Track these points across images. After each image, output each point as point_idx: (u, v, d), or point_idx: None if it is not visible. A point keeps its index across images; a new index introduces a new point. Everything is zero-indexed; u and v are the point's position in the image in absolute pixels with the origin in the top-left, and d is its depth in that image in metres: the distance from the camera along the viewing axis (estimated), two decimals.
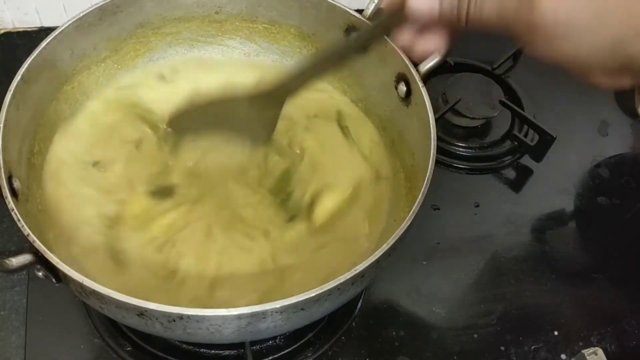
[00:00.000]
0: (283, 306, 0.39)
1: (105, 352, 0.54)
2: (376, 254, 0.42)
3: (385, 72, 0.59)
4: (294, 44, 0.67)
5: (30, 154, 0.54)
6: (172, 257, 0.52)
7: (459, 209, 0.67)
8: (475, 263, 0.63)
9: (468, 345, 0.57)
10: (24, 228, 0.42)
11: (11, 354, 0.53)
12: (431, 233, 0.64)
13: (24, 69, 0.51)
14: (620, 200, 0.69)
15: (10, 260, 0.40)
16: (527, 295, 0.61)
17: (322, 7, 0.61)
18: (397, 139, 0.60)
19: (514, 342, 0.58)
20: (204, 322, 0.40)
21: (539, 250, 0.65)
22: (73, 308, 0.56)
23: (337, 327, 0.57)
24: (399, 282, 0.60)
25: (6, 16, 0.77)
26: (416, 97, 0.55)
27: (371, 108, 0.64)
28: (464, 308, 0.60)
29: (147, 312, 0.39)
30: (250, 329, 0.41)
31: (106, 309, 0.42)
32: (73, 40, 0.57)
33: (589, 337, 0.59)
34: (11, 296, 0.56)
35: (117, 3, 0.59)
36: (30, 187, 0.52)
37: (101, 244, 0.52)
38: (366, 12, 0.58)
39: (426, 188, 0.47)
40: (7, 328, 0.55)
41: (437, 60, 0.55)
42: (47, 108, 0.57)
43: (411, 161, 0.56)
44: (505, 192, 0.69)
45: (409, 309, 0.59)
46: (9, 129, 0.48)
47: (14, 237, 0.60)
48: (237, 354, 0.55)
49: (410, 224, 0.44)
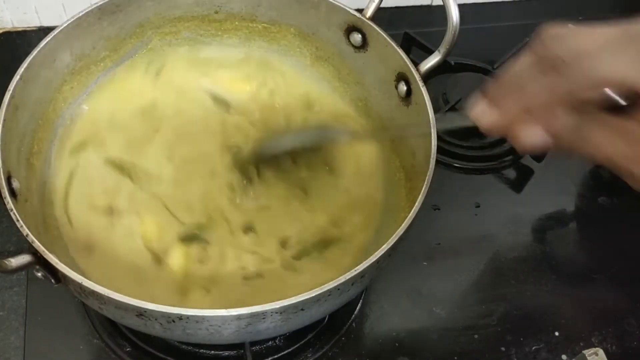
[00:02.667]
0: (283, 307, 0.39)
1: (104, 353, 0.54)
2: (376, 254, 0.42)
3: (386, 71, 0.59)
4: (294, 44, 0.66)
5: (30, 154, 0.54)
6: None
7: (459, 209, 0.67)
8: (475, 263, 0.63)
9: (468, 346, 0.57)
10: (23, 228, 0.42)
11: (10, 355, 0.53)
12: (431, 233, 0.64)
13: (23, 68, 0.51)
14: (620, 200, 0.69)
15: (9, 261, 0.40)
16: (528, 296, 0.61)
17: (322, 6, 0.61)
18: (397, 139, 0.60)
19: (514, 343, 0.58)
20: (204, 323, 0.40)
21: (539, 250, 0.65)
22: (72, 308, 0.55)
23: (337, 327, 0.57)
24: (399, 283, 0.60)
25: (5, 16, 0.77)
26: (416, 97, 0.55)
27: (371, 108, 0.64)
28: (464, 308, 0.60)
29: (146, 313, 0.39)
30: (250, 329, 0.41)
31: (105, 309, 0.42)
32: (72, 40, 0.57)
33: (589, 338, 0.59)
34: (10, 296, 0.56)
35: (117, 2, 0.59)
36: (29, 188, 0.52)
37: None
38: (366, 12, 0.58)
39: (426, 188, 0.47)
40: (6, 328, 0.55)
41: (437, 60, 0.55)
42: (47, 108, 0.57)
43: (411, 161, 0.56)
44: (506, 192, 0.69)
45: (409, 309, 0.59)
46: (8, 129, 0.48)
47: (12, 237, 0.59)
48: (236, 354, 0.54)
49: (410, 224, 0.44)
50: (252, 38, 0.67)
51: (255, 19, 0.66)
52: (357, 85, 0.65)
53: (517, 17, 0.88)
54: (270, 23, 0.66)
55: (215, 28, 0.66)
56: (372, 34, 0.59)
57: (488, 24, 0.86)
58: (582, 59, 0.30)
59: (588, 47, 0.31)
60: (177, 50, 0.66)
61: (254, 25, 0.66)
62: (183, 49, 0.66)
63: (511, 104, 0.34)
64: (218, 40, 0.67)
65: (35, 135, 0.55)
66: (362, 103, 0.65)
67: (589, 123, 0.32)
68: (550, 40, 0.32)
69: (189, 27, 0.65)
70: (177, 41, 0.66)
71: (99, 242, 0.53)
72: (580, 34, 0.31)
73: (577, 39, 0.31)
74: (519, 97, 0.34)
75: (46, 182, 0.56)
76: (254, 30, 0.67)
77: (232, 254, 0.54)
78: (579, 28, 0.32)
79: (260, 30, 0.66)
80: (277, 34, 0.66)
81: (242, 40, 0.67)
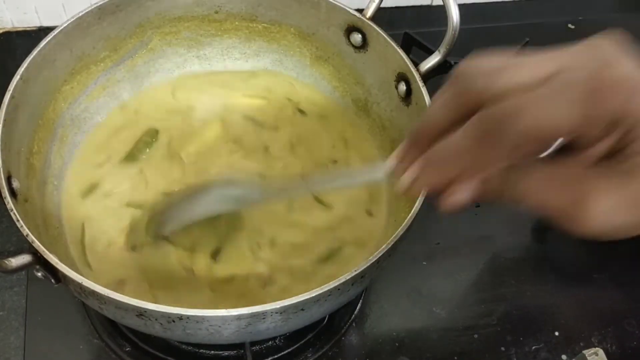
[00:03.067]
0: (283, 307, 0.39)
1: (104, 353, 0.54)
2: (376, 254, 0.42)
3: (386, 71, 0.59)
4: (294, 44, 0.66)
5: (30, 154, 0.54)
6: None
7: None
8: (475, 263, 0.63)
9: (468, 346, 0.57)
10: (23, 228, 0.42)
11: (10, 355, 0.53)
12: (431, 233, 0.64)
13: (23, 68, 0.51)
14: None
15: (9, 261, 0.40)
16: (528, 296, 0.61)
17: (322, 6, 0.61)
18: (397, 139, 0.60)
19: (514, 343, 0.58)
20: (204, 323, 0.40)
21: (539, 250, 0.65)
22: (72, 308, 0.55)
23: (337, 327, 0.57)
24: (399, 283, 0.60)
25: (5, 16, 0.77)
26: (416, 97, 0.55)
27: (371, 108, 0.64)
28: (464, 308, 0.60)
29: (146, 313, 0.39)
30: (250, 329, 0.41)
31: (105, 310, 0.42)
32: (72, 40, 0.57)
33: (589, 338, 0.59)
34: (10, 296, 0.56)
35: (117, 2, 0.59)
36: (29, 187, 0.52)
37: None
38: (366, 12, 0.58)
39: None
40: (6, 328, 0.55)
41: (437, 60, 0.55)
42: (47, 108, 0.56)
43: None
44: None
45: (409, 309, 0.59)
46: (8, 129, 0.48)
47: (12, 237, 0.59)
48: (236, 354, 0.54)
49: (410, 224, 0.44)
50: (252, 38, 0.67)
51: (255, 19, 0.66)
52: (357, 85, 0.65)
53: (517, 17, 0.88)
54: (270, 23, 0.66)
55: (215, 28, 0.66)
56: (372, 34, 0.59)
57: (488, 24, 0.86)
58: (513, 113, 0.26)
59: (517, 98, 0.27)
60: (177, 50, 0.66)
61: (254, 25, 0.66)
62: (183, 49, 0.66)
63: (437, 168, 0.31)
64: (218, 40, 0.67)
65: (35, 135, 0.55)
66: (362, 103, 0.65)
67: (517, 171, 0.29)
68: (470, 82, 0.29)
69: (189, 27, 0.65)
70: (177, 41, 0.66)
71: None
72: (503, 75, 0.28)
73: (501, 81, 0.28)
74: (444, 160, 0.30)
75: (46, 182, 0.56)
76: (254, 30, 0.67)
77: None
78: (498, 62, 0.29)
79: (260, 30, 0.66)
80: (277, 34, 0.66)
81: (242, 40, 0.67)
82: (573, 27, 0.88)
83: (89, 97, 0.61)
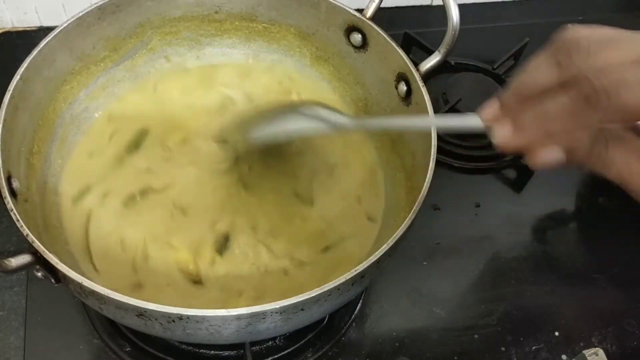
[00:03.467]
0: (283, 307, 0.39)
1: (104, 353, 0.54)
2: (376, 254, 0.42)
3: (386, 71, 0.59)
4: (294, 44, 0.66)
5: (30, 154, 0.54)
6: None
7: (459, 209, 0.67)
8: (475, 263, 0.63)
9: (468, 346, 0.57)
10: (23, 228, 0.42)
11: (10, 355, 0.53)
12: (431, 233, 0.64)
13: (23, 68, 0.51)
14: (620, 200, 0.69)
15: (9, 261, 0.40)
16: (528, 296, 0.61)
17: (322, 6, 0.61)
18: (397, 139, 0.60)
19: (514, 343, 0.58)
20: (204, 323, 0.40)
21: (539, 250, 0.65)
22: (72, 308, 0.55)
23: (337, 327, 0.57)
24: (399, 283, 0.60)
25: (5, 16, 0.77)
26: (416, 97, 0.55)
27: (371, 108, 0.64)
28: (464, 308, 0.60)
29: (146, 313, 0.39)
30: (250, 329, 0.41)
31: (105, 310, 0.42)
32: (72, 40, 0.57)
33: (589, 338, 0.59)
34: (10, 296, 0.56)
35: (117, 2, 0.59)
36: (29, 187, 0.52)
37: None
38: (366, 12, 0.58)
39: (427, 188, 0.47)
40: (6, 328, 0.55)
41: (437, 60, 0.55)
42: (47, 108, 0.57)
43: (411, 161, 0.56)
44: (505, 192, 0.69)
45: (409, 309, 0.59)
46: (8, 129, 0.48)
47: (12, 237, 0.59)
48: (236, 354, 0.54)
49: (410, 224, 0.44)
50: (252, 38, 0.67)
51: (255, 19, 0.66)
52: (357, 85, 0.65)
53: (517, 17, 0.88)
54: (270, 23, 0.66)
55: (215, 28, 0.66)
56: (372, 34, 0.59)
57: (488, 24, 0.86)
58: (615, 88, 0.29)
59: (621, 73, 0.29)
60: (176, 50, 0.66)
61: (254, 25, 0.66)
62: (183, 49, 0.66)
63: (535, 129, 0.33)
64: (218, 40, 0.67)
65: (35, 135, 0.55)
66: (362, 103, 0.65)
67: (607, 141, 0.32)
68: (576, 52, 0.30)
69: (189, 27, 0.65)
70: (177, 41, 0.66)
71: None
72: (609, 49, 0.30)
73: (606, 55, 0.30)
74: (543, 123, 0.32)
75: (46, 182, 0.56)
76: (254, 30, 0.67)
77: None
78: (604, 36, 0.30)
79: (260, 30, 0.66)
80: (277, 34, 0.66)
81: (242, 40, 0.67)
82: None
83: (89, 97, 0.62)
